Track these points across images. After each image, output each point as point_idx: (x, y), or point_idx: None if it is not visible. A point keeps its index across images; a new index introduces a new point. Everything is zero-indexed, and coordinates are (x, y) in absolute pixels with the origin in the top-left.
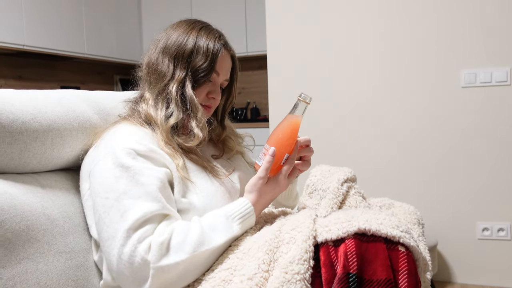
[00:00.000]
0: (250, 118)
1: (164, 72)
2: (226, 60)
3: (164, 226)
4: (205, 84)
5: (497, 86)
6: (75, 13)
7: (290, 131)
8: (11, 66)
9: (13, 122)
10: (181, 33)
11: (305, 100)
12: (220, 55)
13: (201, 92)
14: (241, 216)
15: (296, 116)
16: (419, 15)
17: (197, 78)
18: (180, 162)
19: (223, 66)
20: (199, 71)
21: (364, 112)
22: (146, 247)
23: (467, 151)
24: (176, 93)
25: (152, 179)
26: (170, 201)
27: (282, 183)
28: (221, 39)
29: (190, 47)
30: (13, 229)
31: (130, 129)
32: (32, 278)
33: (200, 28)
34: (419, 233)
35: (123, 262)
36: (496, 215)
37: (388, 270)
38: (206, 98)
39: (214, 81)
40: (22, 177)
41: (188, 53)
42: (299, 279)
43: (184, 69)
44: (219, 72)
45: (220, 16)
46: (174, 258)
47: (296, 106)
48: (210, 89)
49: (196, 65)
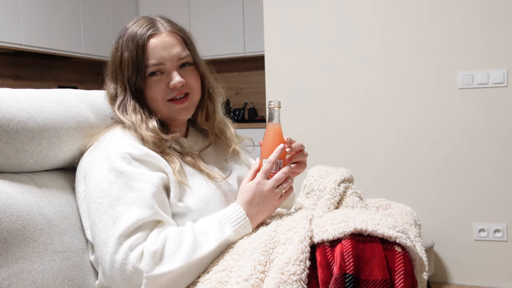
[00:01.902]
0: (248, 119)
1: (111, 94)
2: (159, 44)
3: (156, 234)
4: (155, 79)
5: (494, 87)
6: (72, 13)
7: (276, 139)
8: (8, 65)
9: (9, 121)
10: (113, 51)
11: (275, 106)
12: (145, 45)
13: (156, 90)
14: (234, 220)
15: (274, 124)
16: (416, 17)
17: (137, 81)
18: (177, 166)
19: (156, 52)
20: (133, 74)
21: (361, 113)
22: (137, 255)
23: (464, 153)
24: (131, 105)
25: (146, 185)
26: (164, 207)
27: (267, 189)
28: (144, 27)
29: (118, 59)
30: (9, 229)
31: (126, 133)
32: (28, 277)
33: (125, 32)
34: (416, 234)
35: (115, 270)
36: (493, 216)
37: (384, 271)
38: (168, 90)
39: (162, 70)
40: (19, 176)
41: (118, 65)
42: (295, 280)
43: (121, 83)
44: (156, 59)
45: (217, 17)
46: (167, 266)
47: (271, 114)
48: (166, 80)
49: (128, 73)
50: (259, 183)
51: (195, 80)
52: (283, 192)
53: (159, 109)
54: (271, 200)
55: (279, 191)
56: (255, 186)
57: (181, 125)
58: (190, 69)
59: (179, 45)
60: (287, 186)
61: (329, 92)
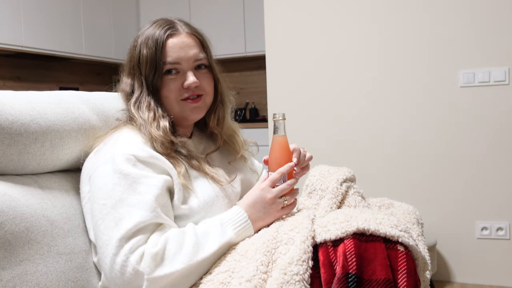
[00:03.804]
0: (249, 119)
1: (127, 90)
2: (177, 43)
3: (157, 236)
4: (170, 78)
5: (495, 85)
6: (73, 14)
7: (283, 152)
8: (10, 67)
9: (12, 124)
10: (131, 48)
11: (279, 118)
12: (164, 43)
13: (170, 89)
14: (236, 222)
15: (279, 136)
16: (417, 15)
17: (154, 78)
18: (182, 169)
19: (174, 51)
20: (150, 71)
21: (363, 112)
22: (137, 257)
23: (466, 151)
24: (146, 104)
25: (150, 187)
26: (166, 209)
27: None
28: (163, 27)
29: (136, 56)
30: (13, 231)
31: (132, 134)
32: (32, 279)
33: (144, 31)
34: (418, 233)
35: (115, 272)
36: (495, 214)
37: (387, 270)
38: (182, 90)
39: (178, 69)
40: (22, 178)
41: (136, 62)
42: (298, 280)
43: (138, 79)
44: (173, 58)
45: (218, 17)
46: (169, 268)
47: (276, 127)
48: (181, 80)
49: (146, 69)
50: (263, 189)
51: (209, 83)
52: (285, 203)
53: (172, 108)
54: (272, 208)
55: (281, 202)
56: (259, 192)
57: (189, 126)
58: (205, 72)
59: (196, 47)
60: (290, 199)
61: (330, 91)
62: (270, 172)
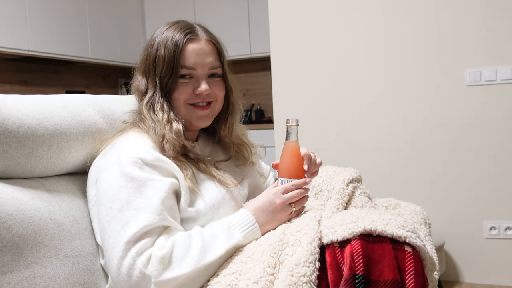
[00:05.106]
0: (255, 120)
1: (141, 89)
2: (196, 49)
3: (164, 239)
4: (183, 82)
5: (502, 84)
6: (79, 17)
7: (294, 158)
8: (17, 71)
9: (19, 128)
10: (148, 46)
11: (292, 124)
12: (183, 47)
13: (181, 92)
14: (243, 225)
15: (291, 142)
16: (423, 15)
17: (169, 80)
18: (189, 172)
19: (191, 56)
20: (166, 72)
21: (369, 112)
22: (144, 261)
23: (473, 150)
24: (159, 105)
25: (156, 190)
26: (173, 212)
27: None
28: (183, 30)
29: (153, 55)
30: (21, 234)
31: (139, 137)
32: (40, 282)
33: (163, 31)
34: (426, 233)
35: (122, 275)
36: (504, 213)
37: (395, 271)
38: (193, 95)
39: (192, 75)
40: (29, 182)
41: (151, 61)
42: (305, 282)
43: (152, 79)
44: (190, 63)
45: (223, 18)
46: (176, 271)
47: (288, 132)
48: (193, 85)
49: (162, 71)
50: (275, 194)
51: (220, 91)
52: (293, 210)
53: (179, 111)
54: (280, 213)
55: (290, 208)
56: (271, 196)
57: (196, 130)
58: (218, 80)
59: (213, 55)
60: (298, 206)
61: (336, 91)
62: (279, 177)
